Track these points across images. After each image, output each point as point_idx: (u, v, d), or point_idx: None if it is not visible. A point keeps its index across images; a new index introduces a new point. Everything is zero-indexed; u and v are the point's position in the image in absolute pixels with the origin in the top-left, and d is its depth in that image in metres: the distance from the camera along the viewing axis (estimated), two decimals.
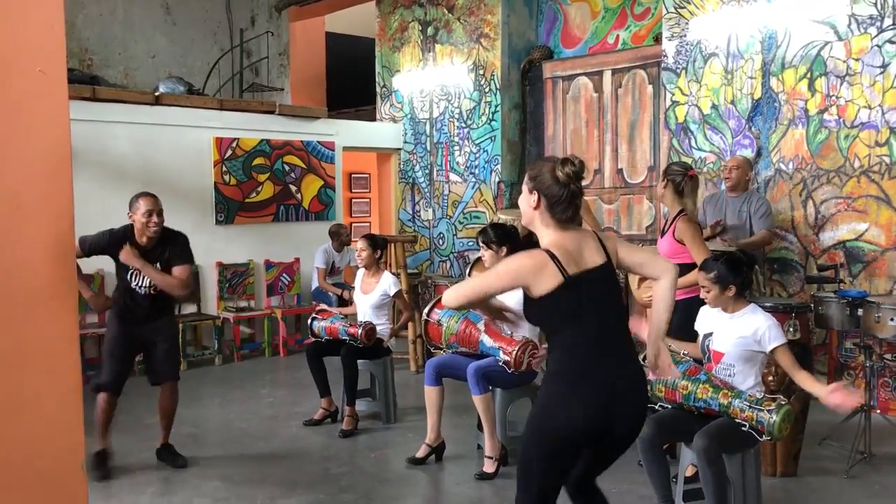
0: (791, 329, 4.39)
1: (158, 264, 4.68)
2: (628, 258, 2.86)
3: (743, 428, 3.46)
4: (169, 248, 4.72)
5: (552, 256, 2.67)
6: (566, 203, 2.72)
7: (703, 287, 3.80)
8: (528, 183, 2.77)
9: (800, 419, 4.43)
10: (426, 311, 4.83)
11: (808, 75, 6.17)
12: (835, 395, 3.33)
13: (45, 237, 2.48)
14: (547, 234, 2.77)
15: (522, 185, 2.81)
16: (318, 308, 5.92)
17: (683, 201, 4.65)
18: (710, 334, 3.78)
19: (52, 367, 2.48)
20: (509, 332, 4.63)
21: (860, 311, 4.70)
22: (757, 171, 6.47)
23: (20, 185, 2.42)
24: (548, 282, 2.65)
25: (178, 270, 4.69)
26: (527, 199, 2.78)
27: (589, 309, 2.68)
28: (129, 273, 4.72)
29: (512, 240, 4.63)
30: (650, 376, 3.00)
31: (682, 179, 4.64)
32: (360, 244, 5.70)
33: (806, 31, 6.16)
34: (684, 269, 4.51)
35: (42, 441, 2.46)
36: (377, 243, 5.74)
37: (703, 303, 3.91)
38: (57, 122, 2.56)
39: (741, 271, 3.77)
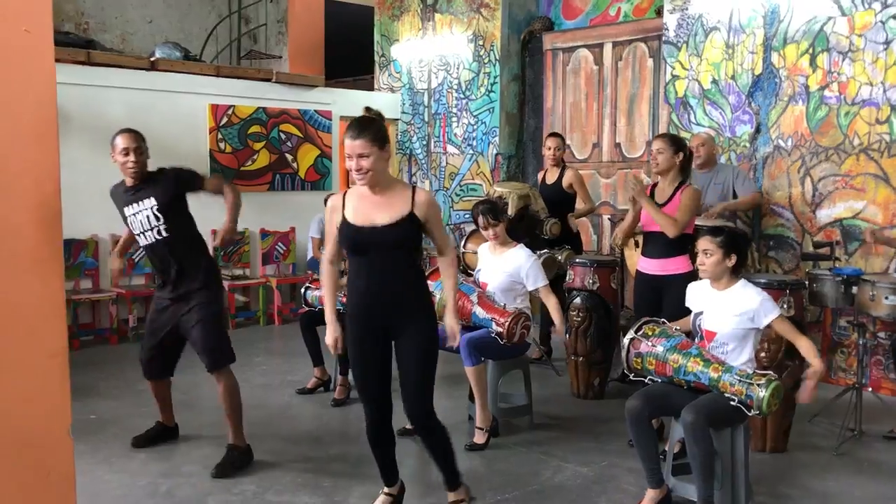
0: (785, 306, 4.37)
1: (151, 198, 4.25)
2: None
3: (732, 402, 3.46)
4: (160, 182, 4.28)
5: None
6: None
7: (705, 251, 3.66)
8: (378, 143, 3.22)
9: (791, 395, 4.43)
10: None
11: (810, 51, 6.11)
12: (808, 384, 3.53)
13: (30, 200, 2.45)
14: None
15: (371, 150, 3.21)
16: (311, 277, 5.90)
17: (685, 174, 4.71)
18: (701, 313, 3.76)
19: (38, 332, 2.46)
20: (502, 304, 4.64)
21: (855, 289, 4.69)
22: (755, 148, 6.43)
23: (5, 147, 2.38)
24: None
25: (210, 184, 4.40)
26: (382, 158, 3.26)
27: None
28: (129, 222, 4.35)
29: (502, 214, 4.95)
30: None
31: (690, 155, 4.78)
32: None
33: (809, 6, 6.08)
34: (688, 239, 4.51)
35: (28, 406, 2.44)
36: None
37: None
38: (43, 82, 2.51)
39: (742, 245, 3.76)
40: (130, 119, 7.59)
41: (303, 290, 5.76)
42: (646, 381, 3.78)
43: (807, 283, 4.86)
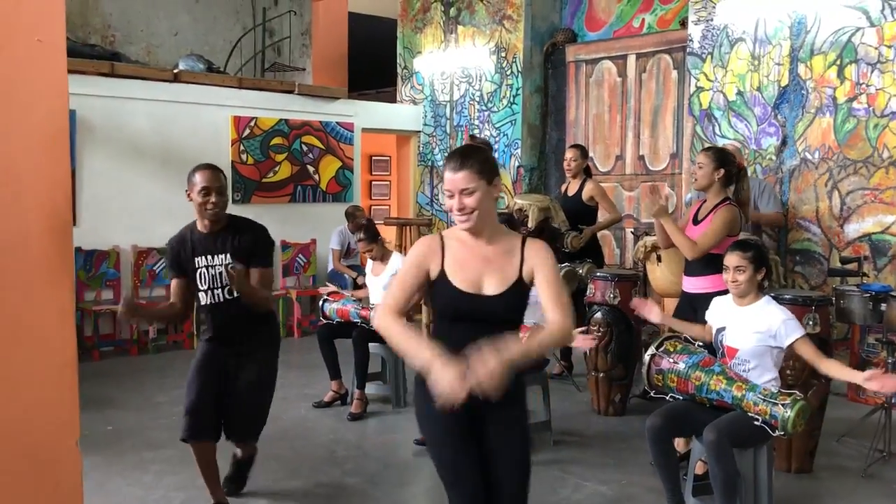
0: (811, 322, 4.25)
1: (227, 255, 3.71)
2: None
3: (755, 422, 3.36)
4: (241, 238, 3.74)
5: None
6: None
7: (737, 268, 3.56)
8: (486, 175, 2.57)
9: (817, 415, 4.32)
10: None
11: (838, 62, 6.00)
12: (874, 382, 3.23)
13: (40, 210, 2.43)
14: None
15: (478, 184, 2.55)
16: (329, 290, 5.86)
17: (727, 190, 4.47)
18: (723, 329, 3.66)
19: (47, 343, 2.44)
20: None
21: (883, 306, 4.56)
22: (782, 161, 6.32)
23: (16, 157, 2.36)
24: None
25: (255, 274, 3.73)
26: (491, 195, 2.60)
27: None
28: (198, 273, 3.76)
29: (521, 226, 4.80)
30: None
31: (736, 171, 4.50)
32: (362, 246, 5.64)
33: (837, 17, 5.98)
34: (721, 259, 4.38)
35: (36, 418, 2.41)
36: (373, 236, 5.62)
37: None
38: (55, 92, 2.50)
39: (767, 258, 3.67)
40: (154, 131, 7.66)
41: (321, 302, 5.73)
42: (667, 398, 3.69)
43: (834, 299, 4.75)
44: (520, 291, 2.61)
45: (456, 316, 2.62)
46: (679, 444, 4.30)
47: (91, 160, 7.18)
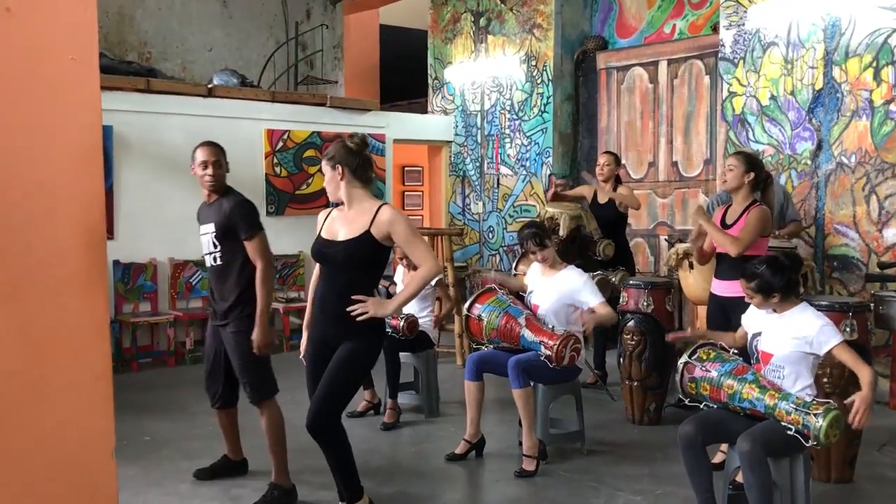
0: (847, 329, 4.18)
1: (213, 224, 4.09)
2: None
3: (789, 431, 3.31)
4: (225, 204, 4.08)
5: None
6: (364, 168, 3.57)
7: (746, 294, 3.66)
8: (329, 162, 3.54)
9: None
10: (466, 305, 4.77)
11: (874, 64, 5.90)
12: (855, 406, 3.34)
13: (75, 225, 2.48)
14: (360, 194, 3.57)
15: (323, 168, 3.60)
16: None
17: (755, 195, 4.54)
18: (759, 334, 3.62)
19: (82, 355, 2.48)
20: (551, 326, 4.56)
21: None
22: (817, 165, 6.23)
23: (51, 173, 2.42)
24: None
25: (251, 247, 4.02)
26: (331, 176, 3.55)
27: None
28: (202, 240, 4.21)
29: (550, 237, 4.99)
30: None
31: (765, 177, 4.60)
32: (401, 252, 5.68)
33: (872, 18, 5.89)
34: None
35: (72, 429, 2.46)
36: None
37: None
38: (88, 109, 2.55)
39: (784, 276, 3.58)
40: (189, 145, 7.68)
41: None
42: (702, 406, 3.65)
43: (872, 305, 4.66)
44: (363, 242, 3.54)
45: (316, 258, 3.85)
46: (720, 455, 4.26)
47: (128, 174, 7.31)
